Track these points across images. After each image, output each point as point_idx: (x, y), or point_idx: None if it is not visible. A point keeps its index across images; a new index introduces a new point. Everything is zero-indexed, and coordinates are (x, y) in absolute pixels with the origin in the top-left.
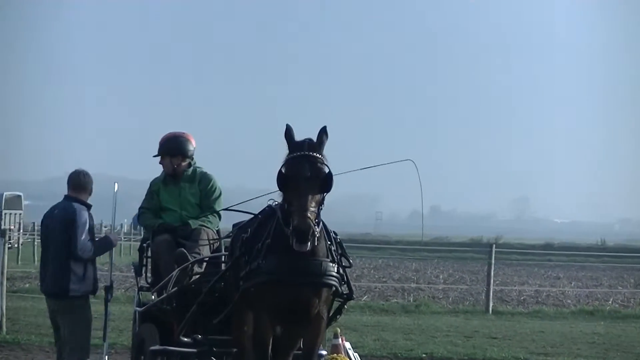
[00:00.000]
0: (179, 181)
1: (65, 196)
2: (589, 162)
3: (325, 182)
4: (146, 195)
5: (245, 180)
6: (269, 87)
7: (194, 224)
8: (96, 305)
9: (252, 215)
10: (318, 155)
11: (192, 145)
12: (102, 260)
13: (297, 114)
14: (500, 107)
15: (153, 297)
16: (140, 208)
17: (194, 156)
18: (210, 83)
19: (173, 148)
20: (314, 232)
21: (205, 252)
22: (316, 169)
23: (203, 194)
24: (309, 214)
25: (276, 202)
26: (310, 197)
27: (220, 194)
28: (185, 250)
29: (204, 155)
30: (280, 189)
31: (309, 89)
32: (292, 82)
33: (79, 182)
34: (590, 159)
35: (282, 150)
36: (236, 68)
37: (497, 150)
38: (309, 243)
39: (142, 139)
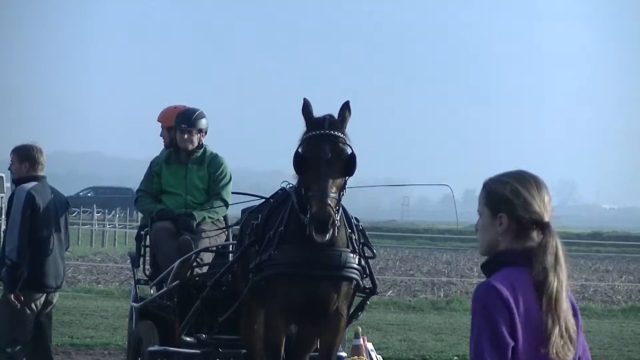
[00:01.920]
0: (187, 162)
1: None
2: None
3: (347, 165)
4: (145, 176)
5: (251, 162)
6: (277, 60)
7: (199, 215)
8: (69, 300)
9: (263, 200)
10: (340, 134)
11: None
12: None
13: (309, 89)
14: (545, 84)
15: (151, 291)
16: (137, 191)
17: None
18: (209, 53)
19: (201, 123)
20: (334, 221)
21: (212, 244)
22: (338, 150)
23: (212, 178)
24: (329, 201)
25: (290, 185)
26: (330, 181)
27: (230, 180)
28: (189, 239)
29: (217, 135)
30: (296, 172)
31: (321, 62)
32: (303, 54)
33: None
34: None
35: (293, 129)
36: (237, 37)
37: (539, 128)
38: (329, 233)
39: (137, 114)
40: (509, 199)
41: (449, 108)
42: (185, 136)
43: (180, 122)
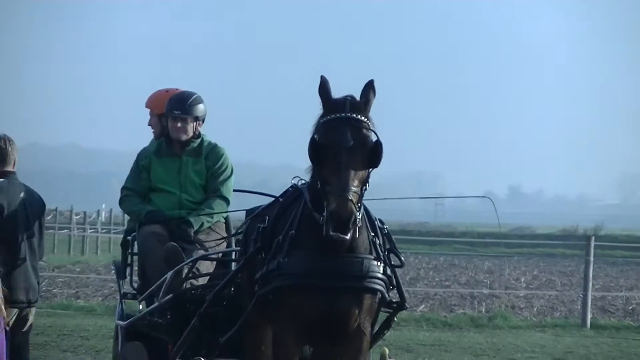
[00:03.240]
0: (180, 154)
1: None
2: None
3: (373, 154)
4: (131, 171)
5: (257, 155)
6: (284, 39)
7: (196, 222)
8: (43, 317)
9: (272, 199)
10: (363, 118)
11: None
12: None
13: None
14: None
15: (140, 307)
16: (123, 189)
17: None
18: (202, 30)
19: (198, 110)
20: (356, 219)
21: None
22: (361, 137)
23: (210, 172)
24: (350, 196)
25: (303, 181)
26: (352, 173)
27: (231, 174)
28: (176, 245)
29: (215, 125)
30: (312, 162)
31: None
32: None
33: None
34: None
35: (306, 116)
36: (241, 17)
37: (597, 119)
38: (350, 233)
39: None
40: None
41: (488, 94)
42: (179, 124)
43: (173, 108)
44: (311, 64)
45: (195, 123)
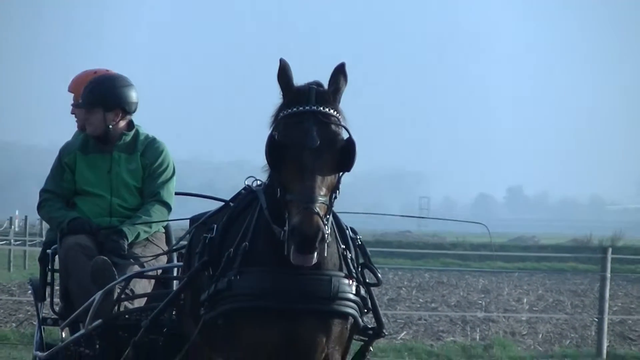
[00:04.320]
0: (111, 150)
1: None
2: None
3: (343, 155)
4: (52, 170)
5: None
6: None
7: (130, 232)
8: (19, 350)
9: (221, 203)
10: (332, 111)
11: (136, 95)
12: None
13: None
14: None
15: (63, 334)
16: (42, 192)
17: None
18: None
19: (108, 96)
20: (324, 236)
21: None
22: (329, 134)
23: (147, 172)
24: (316, 207)
25: (258, 182)
26: (319, 179)
27: (172, 175)
28: (106, 259)
29: (146, 116)
30: (270, 166)
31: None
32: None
33: None
34: None
35: (263, 107)
36: None
37: (614, 110)
38: (316, 254)
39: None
40: None
41: (483, 82)
42: (97, 117)
43: (87, 98)
44: (275, 42)
45: (114, 114)
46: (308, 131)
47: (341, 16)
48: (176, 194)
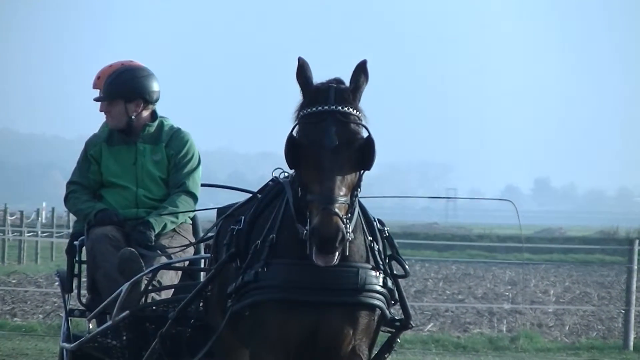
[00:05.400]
0: (136, 141)
1: None
2: None
3: (363, 155)
4: (78, 162)
5: (231, 142)
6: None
7: (157, 223)
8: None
9: (248, 195)
10: (351, 109)
11: (157, 84)
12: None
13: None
14: None
15: (90, 326)
16: (69, 184)
17: (157, 103)
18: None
19: (128, 87)
20: (344, 236)
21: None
22: (348, 134)
23: (172, 163)
24: (336, 208)
25: (285, 174)
26: (338, 179)
27: (198, 165)
28: (134, 250)
29: (173, 108)
30: (290, 165)
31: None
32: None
33: None
34: None
35: (288, 100)
36: None
37: None
38: (337, 255)
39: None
40: None
41: (512, 70)
42: (119, 109)
43: (107, 90)
44: (298, 38)
45: (132, 104)
46: (327, 131)
47: (369, 4)
48: (204, 185)
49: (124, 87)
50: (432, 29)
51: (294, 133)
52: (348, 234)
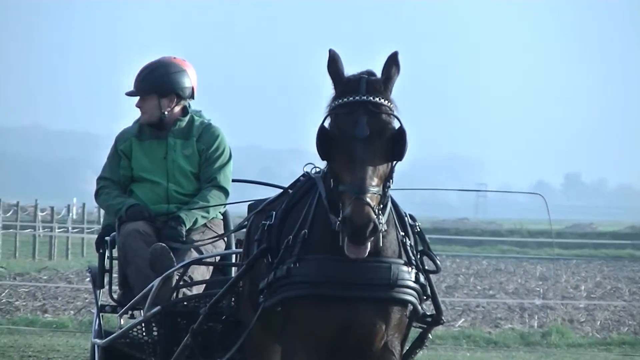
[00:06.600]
0: (166, 136)
1: None
2: None
3: (395, 145)
4: (109, 158)
5: (260, 138)
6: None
7: (188, 218)
8: (3, 335)
9: (279, 190)
10: (383, 100)
11: (191, 79)
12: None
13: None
14: None
15: (121, 321)
16: (99, 179)
17: (191, 98)
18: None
19: (161, 82)
20: (376, 226)
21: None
22: (380, 124)
23: (203, 157)
24: (367, 198)
25: (317, 169)
26: (370, 169)
27: (229, 160)
28: (165, 245)
29: (204, 104)
30: (321, 157)
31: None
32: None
33: None
34: None
35: (318, 95)
36: None
37: None
38: (369, 245)
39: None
40: None
41: (543, 65)
42: (151, 104)
43: (140, 85)
44: (326, 33)
45: (166, 99)
46: (358, 121)
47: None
48: (235, 181)
49: (158, 82)
50: (464, 23)
51: (326, 124)
52: (381, 225)
